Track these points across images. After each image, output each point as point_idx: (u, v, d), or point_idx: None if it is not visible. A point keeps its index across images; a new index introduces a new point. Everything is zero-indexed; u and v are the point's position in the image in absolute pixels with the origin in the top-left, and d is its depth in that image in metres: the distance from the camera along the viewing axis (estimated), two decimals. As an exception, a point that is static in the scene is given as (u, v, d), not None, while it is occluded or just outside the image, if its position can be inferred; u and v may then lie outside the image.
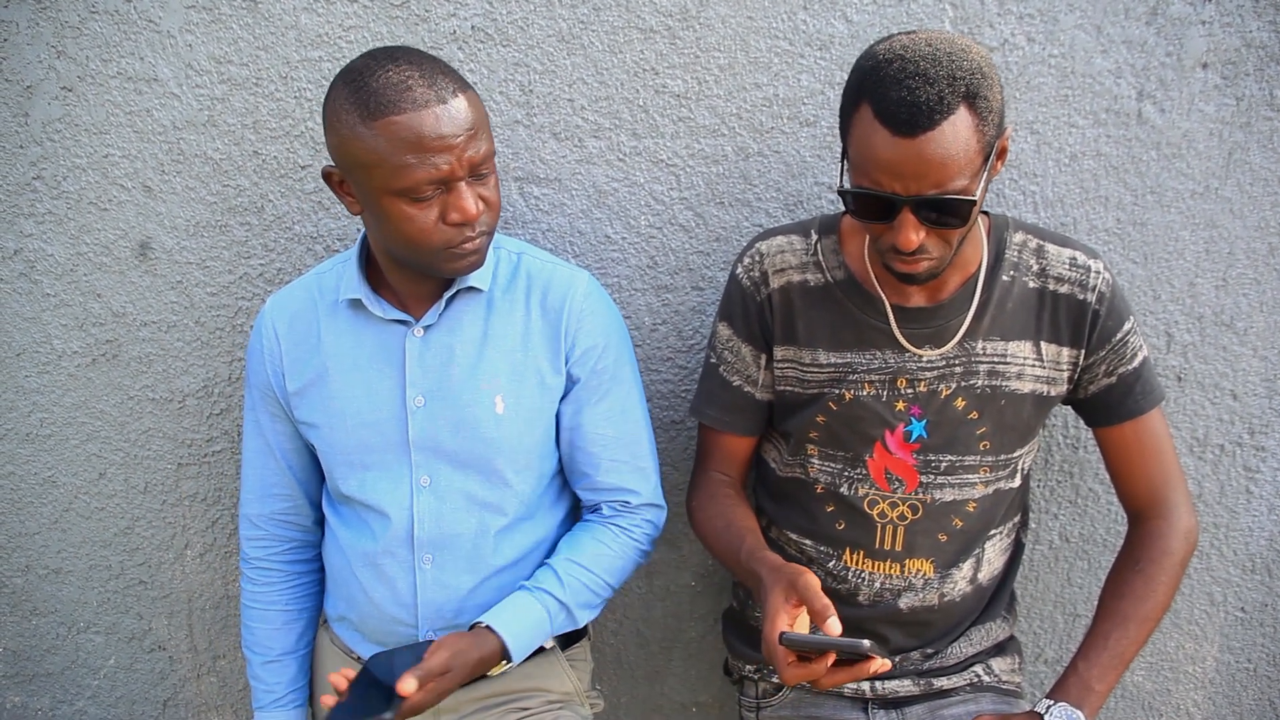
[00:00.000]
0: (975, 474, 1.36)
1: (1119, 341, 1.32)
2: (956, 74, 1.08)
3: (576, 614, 1.37)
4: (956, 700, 1.44)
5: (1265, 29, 1.46)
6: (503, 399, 1.33)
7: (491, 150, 1.22)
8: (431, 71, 1.17)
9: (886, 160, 1.10)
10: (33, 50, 1.56)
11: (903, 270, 1.21)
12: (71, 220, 1.64)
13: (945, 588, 1.40)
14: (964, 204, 1.12)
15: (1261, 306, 1.58)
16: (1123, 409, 1.35)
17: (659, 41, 1.52)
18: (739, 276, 1.39)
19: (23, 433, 1.77)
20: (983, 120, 1.10)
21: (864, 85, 1.12)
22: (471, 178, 1.20)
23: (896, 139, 1.09)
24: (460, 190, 1.19)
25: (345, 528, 1.41)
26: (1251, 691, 1.80)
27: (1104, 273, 1.31)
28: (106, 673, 1.92)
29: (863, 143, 1.12)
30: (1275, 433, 1.64)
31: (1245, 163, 1.52)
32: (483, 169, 1.21)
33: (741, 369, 1.41)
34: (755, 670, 1.52)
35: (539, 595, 1.34)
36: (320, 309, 1.37)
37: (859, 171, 1.15)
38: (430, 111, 1.14)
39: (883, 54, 1.12)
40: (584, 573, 1.36)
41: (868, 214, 1.17)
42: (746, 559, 1.29)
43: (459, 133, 1.16)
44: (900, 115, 1.08)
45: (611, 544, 1.39)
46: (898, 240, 1.15)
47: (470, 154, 1.17)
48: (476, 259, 1.25)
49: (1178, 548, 1.35)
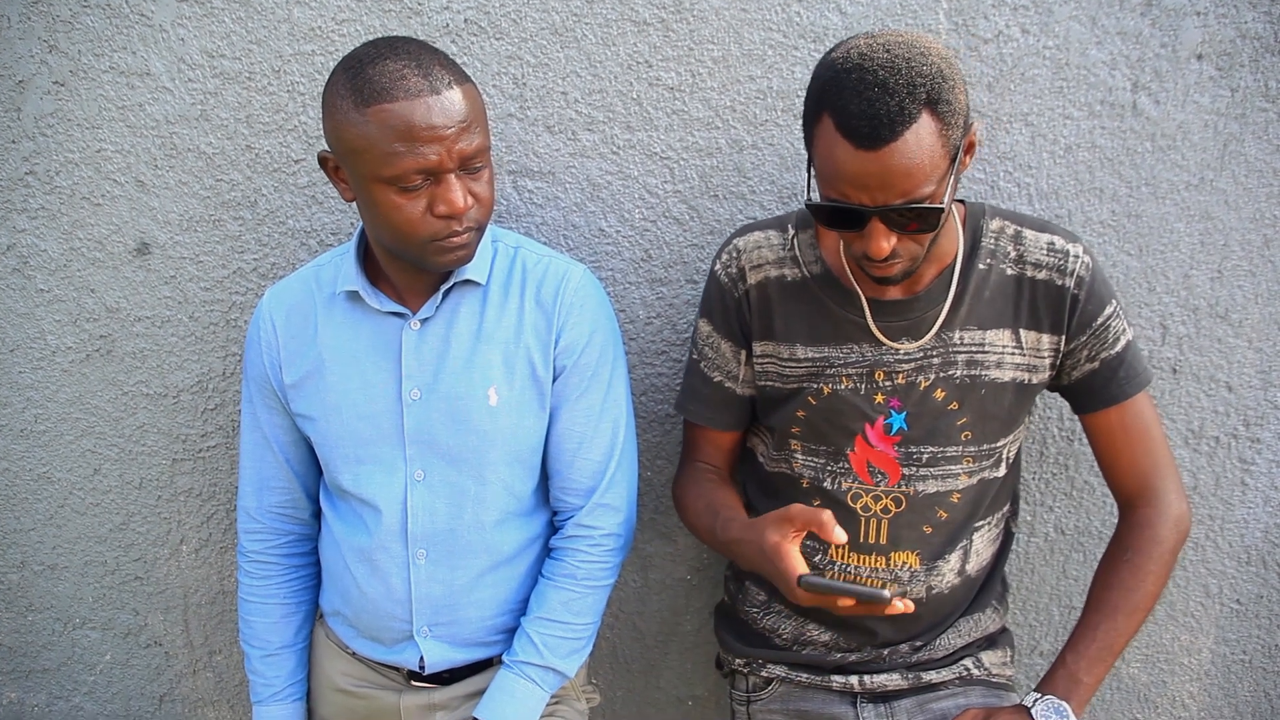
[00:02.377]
0: (958, 465, 1.35)
1: (1100, 326, 1.31)
2: (916, 80, 1.07)
3: (563, 667, 1.37)
4: (945, 694, 1.44)
5: (1260, 20, 1.46)
6: (496, 391, 1.33)
7: (485, 145, 1.21)
8: (429, 63, 1.17)
9: (851, 173, 1.10)
10: (24, 45, 1.55)
11: (878, 275, 1.22)
12: (65, 215, 1.64)
13: (932, 580, 1.39)
14: (932, 211, 1.12)
15: (1256, 298, 1.58)
16: (1107, 394, 1.34)
17: (652, 34, 1.52)
18: (717, 273, 1.39)
19: (17, 429, 1.76)
20: (946, 124, 1.09)
21: (824, 96, 1.11)
22: (462, 171, 1.20)
23: (859, 152, 1.08)
24: (449, 182, 1.18)
25: (340, 522, 1.40)
26: (1246, 683, 1.80)
27: (1083, 257, 1.30)
28: (102, 668, 1.92)
29: (826, 155, 1.12)
30: (1270, 424, 1.64)
31: (1240, 154, 1.52)
32: (475, 163, 1.20)
33: (722, 365, 1.42)
34: (746, 664, 1.52)
35: (520, 670, 1.35)
36: (318, 301, 1.37)
37: (825, 183, 1.15)
38: (422, 101, 1.14)
39: (840, 63, 1.10)
40: (556, 626, 1.36)
41: (837, 224, 1.17)
42: (722, 530, 1.31)
43: (450, 124, 1.15)
44: (861, 129, 1.07)
45: (576, 587, 1.38)
46: (869, 249, 1.15)
47: (461, 146, 1.17)
48: (464, 254, 1.25)
49: (1167, 536, 1.33)
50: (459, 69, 1.21)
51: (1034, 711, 1.26)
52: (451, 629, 1.38)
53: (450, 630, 1.38)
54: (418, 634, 1.38)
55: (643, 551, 1.79)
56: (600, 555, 1.39)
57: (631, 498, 1.43)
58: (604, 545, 1.39)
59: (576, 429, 1.37)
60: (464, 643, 1.39)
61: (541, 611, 1.37)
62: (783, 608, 1.48)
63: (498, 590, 1.39)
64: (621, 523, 1.41)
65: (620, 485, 1.40)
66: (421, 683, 1.42)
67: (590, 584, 1.38)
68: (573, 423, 1.37)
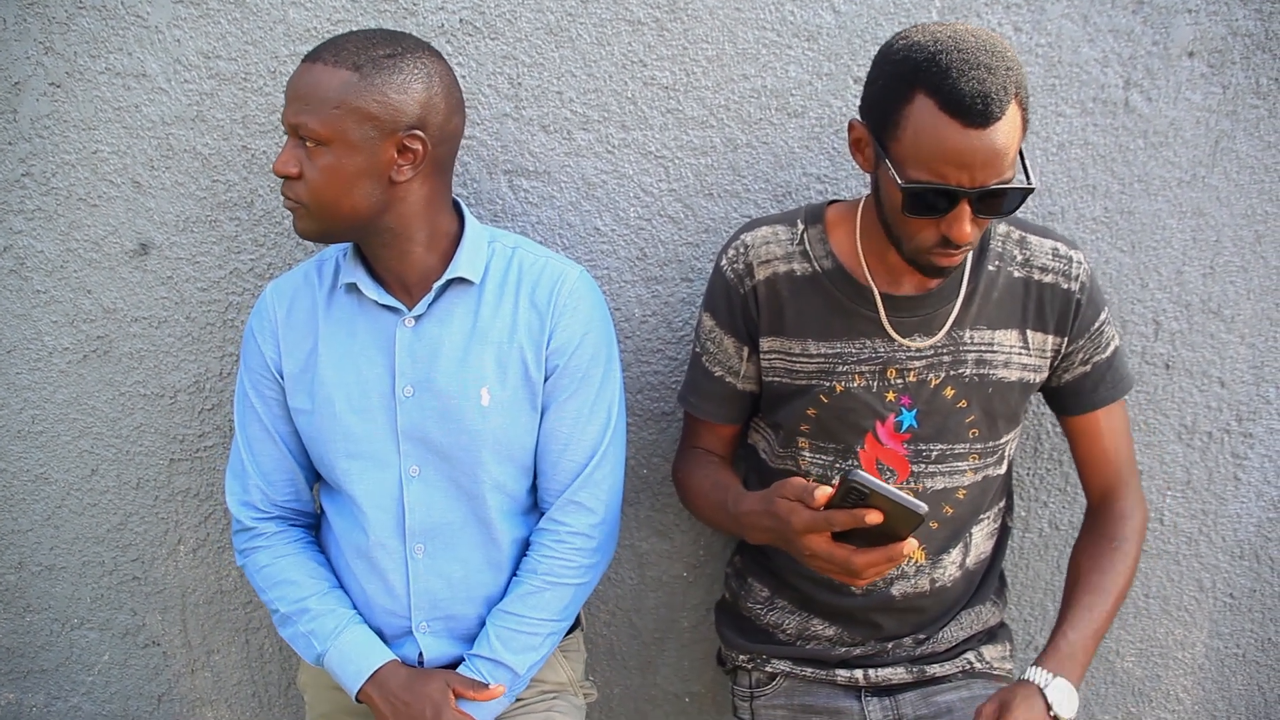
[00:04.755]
0: (965, 461, 1.37)
1: (1096, 331, 1.36)
2: (1009, 64, 1.11)
3: (513, 663, 1.35)
4: (949, 687, 1.45)
5: (1251, 17, 1.47)
6: (489, 391, 1.33)
7: (315, 130, 1.21)
8: (349, 38, 1.24)
9: (956, 151, 1.10)
10: (20, 46, 1.55)
11: (943, 264, 1.21)
12: (61, 216, 1.64)
13: (936, 574, 1.41)
14: (1023, 192, 1.15)
15: (1249, 294, 1.59)
16: (1095, 396, 1.38)
17: (647, 33, 1.52)
18: (723, 269, 1.39)
19: (14, 430, 1.77)
20: (1025, 109, 1.13)
21: (920, 77, 1.10)
22: (293, 137, 1.25)
23: (968, 130, 1.09)
24: (286, 145, 1.26)
25: (339, 518, 1.41)
26: (1240, 677, 1.81)
27: (1084, 263, 1.34)
28: (100, 669, 1.92)
29: (928, 135, 1.11)
30: (1263, 419, 1.65)
31: (1232, 151, 1.53)
32: (300, 133, 1.23)
33: (723, 360, 1.42)
34: (750, 660, 1.53)
35: (471, 662, 1.36)
36: (318, 295, 1.38)
37: (919, 164, 1.13)
38: (301, 67, 1.24)
39: (933, 45, 1.11)
40: (511, 619, 1.36)
41: (924, 208, 1.15)
42: (734, 503, 1.30)
43: (292, 91, 1.23)
44: (975, 106, 1.08)
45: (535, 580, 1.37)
46: (953, 233, 1.15)
47: (289, 113, 1.23)
48: (297, 226, 1.29)
49: (1142, 526, 1.41)
50: (376, 63, 1.22)
51: (1048, 691, 1.24)
52: (450, 624, 1.39)
53: (449, 625, 1.39)
54: (416, 629, 1.38)
55: (639, 549, 1.79)
56: (564, 553, 1.37)
57: (612, 502, 1.41)
58: (569, 543, 1.37)
59: (563, 430, 1.37)
60: (462, 637, 1.40)
61: (503, 604, 1.38)
62: (786, 603, 1.49)
63: (495, 586, 1.40)
64: (595, 525, 1.39)
65: (598, 486, 1.38)
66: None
67: (550, 579, 1.37)
68: (560, 423, 1.37)
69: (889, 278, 1.32)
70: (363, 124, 1.21)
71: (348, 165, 1.23)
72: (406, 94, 1.22)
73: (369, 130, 1.21)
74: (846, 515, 1.06)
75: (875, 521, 1.04)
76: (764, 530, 1.21)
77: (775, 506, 1.15)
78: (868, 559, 1.09)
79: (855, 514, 1.05)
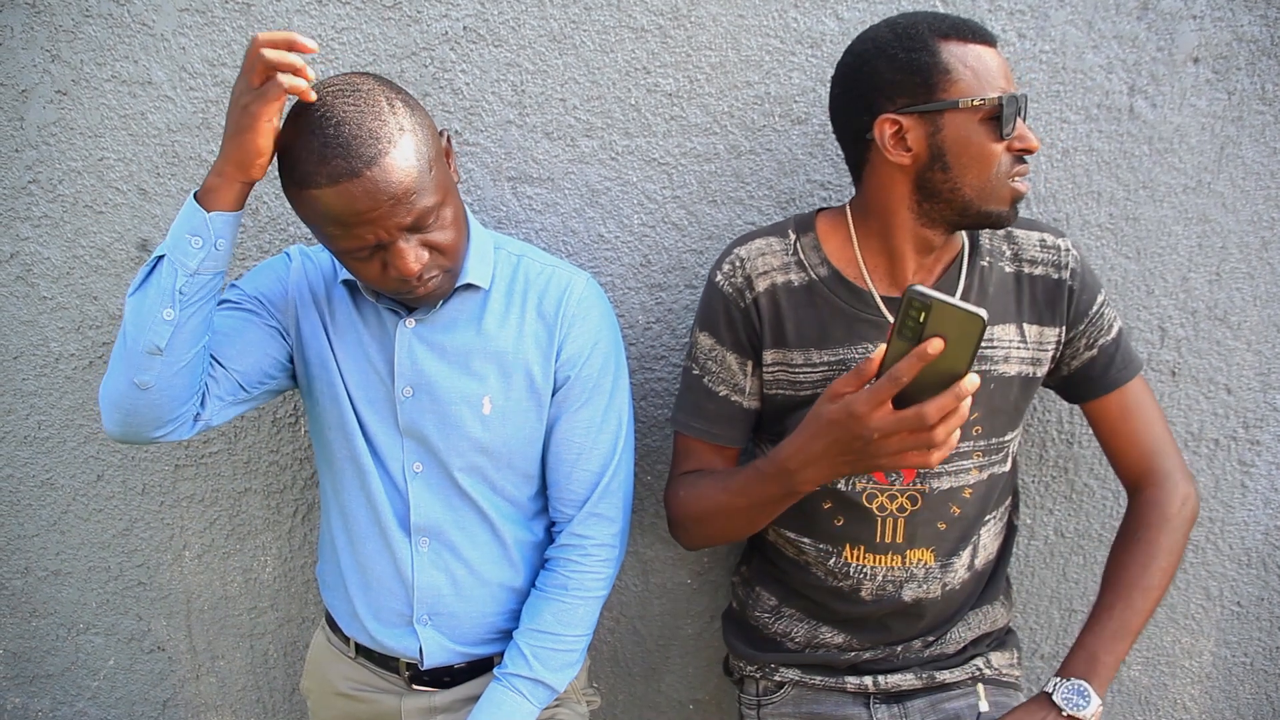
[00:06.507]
0: (970, 460, 1.36)
1: (1095, 314, 1.36)
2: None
3: (552, 680, 1.35)
4: (958, 693, 1.45)
5: (1256, 23, 1.46)
6: (491, 400, 1.33)
7: (432, 203, 1.14)
8: (356, 130, 1.08)
9: (1000, 64, 1.20)
10: (27, 54, 1.56)
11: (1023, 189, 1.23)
12: (68, 223, 1.65)
13: (946, 576, 1.40)
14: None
15: (1255, 300, 1.58)
16: (1107, 379, 1.39)
17: (650, 40, 1.53)
18: (719, 284, 1.37)
19: (21, 435, 1.77)
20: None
21: (936, 26, 1.20)
22: (411, 232, 1.15)
23: (990, 48, 1.21)
24: (398, 250, 1.14)
25: (348, 496, 1.40)
26: (1248, 686, 1.80)
27: (1073, 250, 1.35)
28: (106, 674, 1.93)
29: (974, 61, 1.19)
30: (1270, 426, 1.64)
31: (1237, 157, 1.52)
32: (424, 222, 1.15)
33: (728, 378, 1.39)
34: (757, 669, 1.52)
35: (509, 682, 1.34)
36: (335, 280, 1.37)
37: (983, 83, 1.19)
38: (344, 187, 1.08)
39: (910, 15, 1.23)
40: (547, 638, 1.35)
41: (1015, 114, 1.21)
42: (768, 464, 1.19)
43: (377, 206, 1.09)
44: (978, 28, 1.20)
45: (567, 597, 1.37)
46: (1030, 141, 1.21)
47: (398, 220, 1.12)
48: (438, 294, 1.24)
49: (1175, 514, 1.37)
50: (397, 121, 1.11)
51: (1055, 696, 1.26)
52: (451, 621, 1.39)
53: (449, 623, 1.39)
54: (417, 621, 1.38)
55: (643, 556, 1.79)
56: (592, 565, 1.38)
57: (626, 509, 1.42)
58: (596, 555, 1.38)
59: (576, 440, 1.37)
60: (462, 639, 1.40)
61: (532, 623, 1.37)
62: (795, 611, 1.48)
63: (498, 589, 1.40)
64: (615, 534, 1.40)
65: (615, 495, 1.39)
66: (422, 686, 1.43)
67: (582, 594, 1.37)
68: (572, 433, 1.37)
69: (889, 279, 1.32)
70: (439, 161, 1.18)
71: (457, 202, 1.23)
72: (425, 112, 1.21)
73: (441, 162, 1.19)
74: (905, 362, 0.98)
75: (938, 351, 0.96)
76: (821, 453, 1.10)
77: (829, 413, 1.06)
78: (938, 404, 0.99)
79: (916, 351, 0.97)
